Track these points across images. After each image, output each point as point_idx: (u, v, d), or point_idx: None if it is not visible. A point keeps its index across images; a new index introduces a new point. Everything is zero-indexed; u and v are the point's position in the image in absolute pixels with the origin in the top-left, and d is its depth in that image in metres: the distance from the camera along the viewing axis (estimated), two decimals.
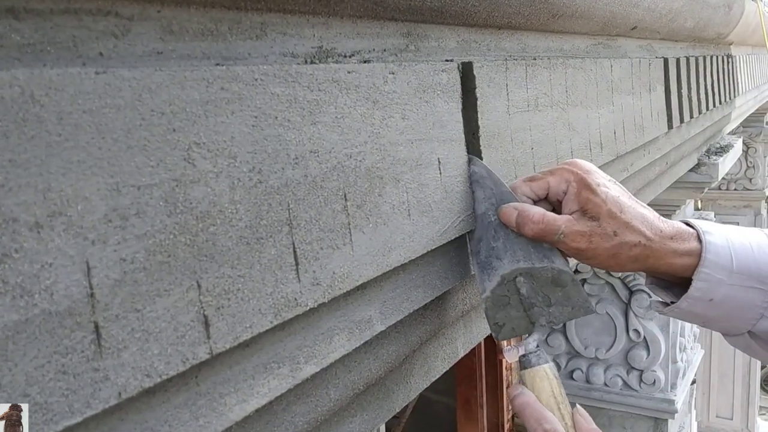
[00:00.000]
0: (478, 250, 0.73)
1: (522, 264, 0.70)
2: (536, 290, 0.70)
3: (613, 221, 0.68)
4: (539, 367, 0.70)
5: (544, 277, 0.70)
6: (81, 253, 0.36)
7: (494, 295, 0.71)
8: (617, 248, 0.69)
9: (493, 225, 0.72)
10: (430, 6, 0.66)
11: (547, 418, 0.66)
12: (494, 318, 0.71)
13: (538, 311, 0.71)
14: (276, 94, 0.49)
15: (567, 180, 0.71)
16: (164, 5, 0.43)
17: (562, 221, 0.69)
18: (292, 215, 0.50)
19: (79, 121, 0.36)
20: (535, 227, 0.69)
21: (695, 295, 0.71)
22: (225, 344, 0.44)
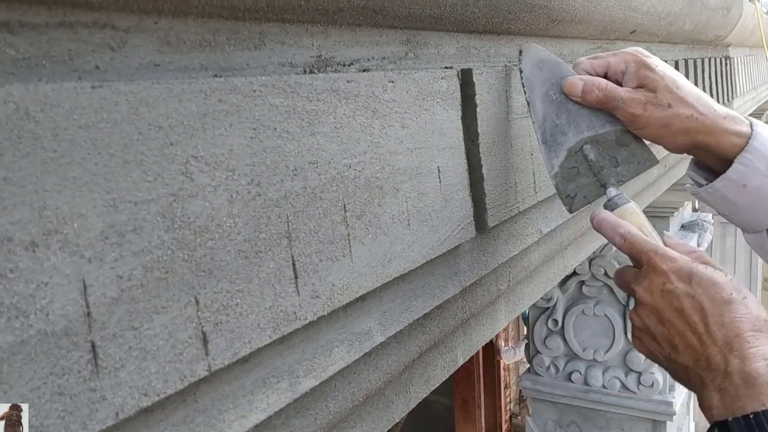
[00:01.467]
0: (543, 130, 0.76)
1: (586, 133, 0.75)
2: (603, 154, 0.75)
3: (669, 94, 0.73)
4: (626, 205, 0.73)
5: (608, 140, 0.75)
6: (77, 271, 0.36)
7: (563, 169, 0.76)
8: (670, 118, 0.73)
9: (555, 103, 0.76)
10: (429, 13, 0.66)
11: (621, 224, 0.70)
12: (565, 191, 0.76)
13: (606, 173, 0.75)
14: (275, 105, 0.49)
15: (626, 60, 0.75)
16: (161, 16, 0.43)
17: (623, 89, 0.74)
18: (291, 228, 0.50)
19: (74, 136, 0.36)
20: (600, 93, 0.74)
21: (732, 176, 0.74)
22: (224, 361, 0.44)
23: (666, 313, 0.65)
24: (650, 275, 0.67)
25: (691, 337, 0.64)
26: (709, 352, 0.62)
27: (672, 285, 0.65)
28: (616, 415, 2.76)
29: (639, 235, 0.69)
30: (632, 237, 0.69)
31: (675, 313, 0.65)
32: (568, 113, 0.76)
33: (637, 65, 0.74)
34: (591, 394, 2.74)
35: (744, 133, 0.74)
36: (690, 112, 0.73)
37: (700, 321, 0.63)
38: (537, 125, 0.77)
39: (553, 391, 2.82)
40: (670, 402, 2.64)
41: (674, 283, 0.65)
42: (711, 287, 0.64)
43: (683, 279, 0.65)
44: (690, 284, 0.64)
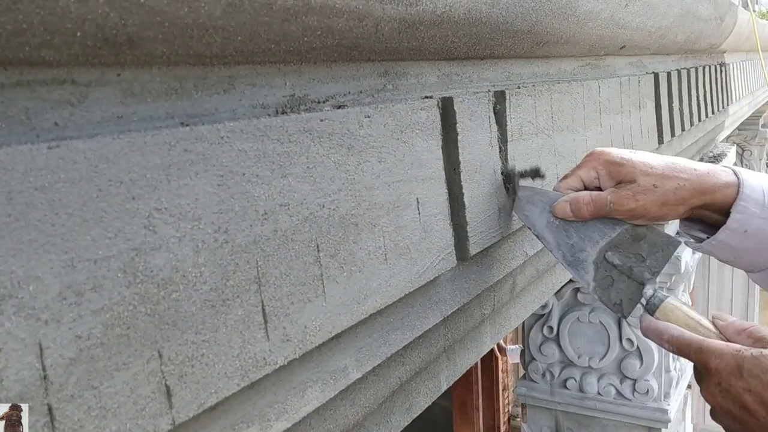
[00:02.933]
0: (563, 254, 0.78)
1: (602, 242, 0.77)
2: (626, 254, 0.76)
3: (648, 177, 0.75)
4: (665, 303, 0.74)
5: (624, 239, 0.77)
6: (33, 334, 0.35)
7: (598, 282, 0.77)
8: (663, 197, 0.75)
9: (561, 227, 0.78)
10: (407, 46, 0.65)
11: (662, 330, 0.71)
12: (610, 300, 0.77)
13: (638, 270, 0.76)
14: (243, 151, 0.48)
15: (594, 167, 0.78)
16: (124, 68, 0.42)
17: (607, 193, 0.77)
18: (260, 272, 0.49)
19: (30, 199, 0.35)
20: (588, 207, 0.76)
21: (733, 226, 0.76)
22: (189, 413, 0.43)
23: (735, 411, 0.65)
24: (705, 376, 0.67)
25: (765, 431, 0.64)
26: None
27: (726, 383, 0.65)
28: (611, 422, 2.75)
29: (682, 336, 0.69)
30: (677, 340, 0.70)
31: (742, 411, 0.65)
32: (576, 231, 0.78)
33: (605, 166, 0.77)
34: (586, 401, 2.74)
35: (731, 183, 0.76)
36: (676, 183, 0.75)
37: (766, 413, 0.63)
38: (555, 252, 0.79)
39: (549, 397, 2.82)
40: (665, 409, 2.64)
41: (727, 381, 0.65)
42: (763, 376, 0.63)
43: (734, 374, 0.64)
44: (742, 378, 0.64)
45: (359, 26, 0.56)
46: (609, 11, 1.06)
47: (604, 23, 1.07)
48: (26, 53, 0.36)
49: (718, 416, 0.68)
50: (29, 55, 0.36)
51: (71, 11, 0.36)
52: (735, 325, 0.70)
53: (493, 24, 0.76)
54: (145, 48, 0.42)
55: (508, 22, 0.79)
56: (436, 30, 0.67)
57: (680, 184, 0.75)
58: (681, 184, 0.75)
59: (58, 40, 0.37)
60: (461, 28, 0.71)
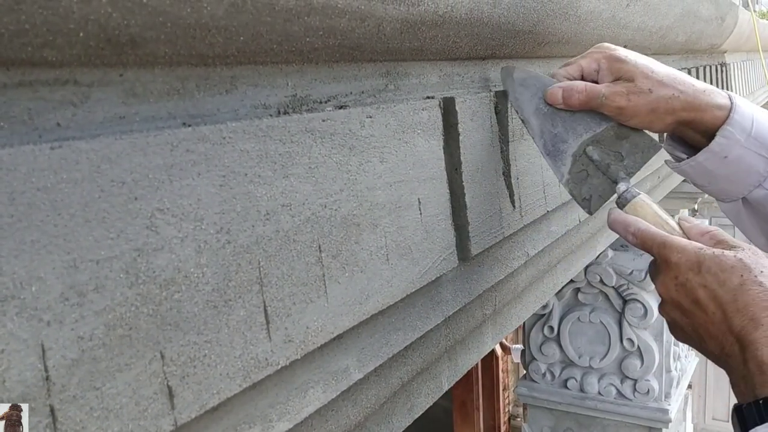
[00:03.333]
0: (544, 142, 0.78)
1: (585, 135, 0.77)
2: (606, 151, 0.76)
3: (647, 80, 0.74)
4: (636, 199, 0.74)
5: (608, 136, 0.76)
6: (35, 335, 0.35)
7: (572, 175, 0.77)
8: (654, 102, 0.74)
9: (548, 115, 0.78)
10: (409, 46, 0.65)
11: (630, 222, 0.71)
12: (580, 194, 0.77)
13: (614, 169, 0.76)
14: (245, 151, 0.48)
15: (597, 59, 0.77)
16: (127, 68, 0.42)
17: (602, 86, 0.75)
18: (262, 273, 0.49)
19: (32, 199, 0.35)
20: (580, 95, 0.75)
21: (714, 149, 0.75)
22: (190, 413, 0.43)
23: (685, 305, 0.66)
24: (663, 269, 0.68)
25: (711, 327, 0.64)
26: (727, 341, 0.63)
27: (683, 277, 0.65)
28: (611, 422, 2.75)
29: (648, 230, 0.70)
30: (642, 233, 0.70)
31: (693, 305, 0.65)
32: (563, 121, 0.77)
33: (609, 60, 0.76)
34: (587, 401, 2.74)
35: (724, 105, 0.75)
36: (671, 92, 0.74)
37: (717, 309, 0.63)
38: (537, 140, 0.79)
39: (549, 397, 2.82)
40: (666, 409, 2.64)
41: (685, 275, 0.65)
42: (720, 273, 0.63)
43: (693, 269, 0.65)
44: (700, 273, 0.64)
45: (361, 26, 0.56)
46: (610, 11, 1.06)
47: (605, 23, 1.07)
48: (29, 53, 0.36)
49: (668, 309, 0.69)
50: (32, 55, 0.36)
51: (74, 11, 0.36)
52: (699, 228, 0.71)
53: (495, 24, 0.76)
54: (147, 48, 0.42)
55: (510, 23, 0.79)
56: (437, 30, 0.67)
57: (675, 94, 0.74)
58: (675, 95, 0.74)
59: (60, 40, 0.36)
60: (463, 29, 0.71)
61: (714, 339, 0.64)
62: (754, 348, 0.60)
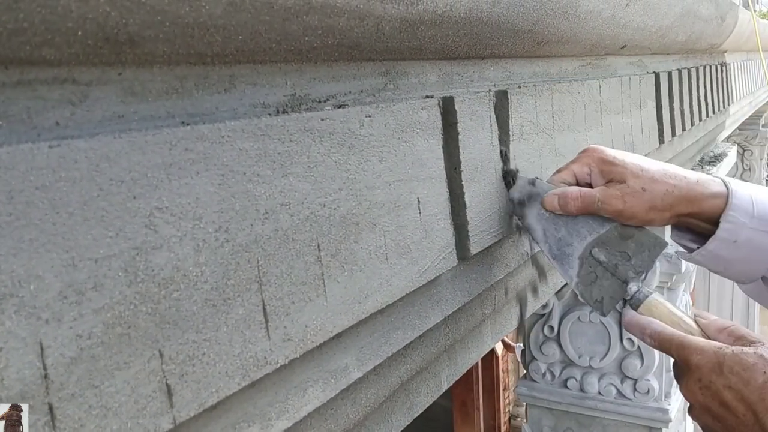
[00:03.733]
0: (549, 247, 0.78)
1: (590, 238, 0.77)
2: (612, 252, 0.76)
3: (638, 179, 0.75)
4: (649, 299, 0.74)
5: (612, 237, 0.76)
6: (34, 333, 0.35)
7: (581, 278, 0.77)
8: (650, 201, 0.75)
9: (550, 220, 0.78)
10: (408, 45, 0.65)
11: (645, 325, 0.71)
12: (591, 297, 0.77)
13: (623, 269, 0.76)
14: (244, 150, 0.48)
15: (587, 163, 0.79)
16: (125, 67, 0.42)
17: (596, 190, 0.77)
18: (261, 272, 0.49)
19: (31, 198, 0.35)
20: (576, 202, 0.76)
21: (722, 236, 0.76)
22: (189, 412, 0.43)
23: (714, 408, 0.65)
24: (686, 372, 0.67)
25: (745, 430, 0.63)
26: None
27: (707, 379, 0.65)
28: (612, 422, 2.75)
29: (664, 331, 0.70)
30: (659, 336, 0.70)
31: (722, 408, 0.64)
32: (566, 224, 0.78)
33: (598, 163, 0.78)
34: (587, 400, 2.74)
35: (720, 193, 0.76)
36: (665, 188, 0.75)
37: (747, 411, 0.63)
38: (542, 244, 0.79)
39: (549, 397, 2.82)
40: (666, 409, 2.64)
41: (708, 377, 0.65)
42: (743, 372, 0.63)
43: (715, 371, 0.64)
44: (722, 374, 0.64)
45: (360, 25, 0.56)
46: (610, 11, 1.06)
47: (605, 23, 1.07)
48: (27, 52, 0.36)
49: (697, 414, 0.68)
50: (30, 54, 0.36)
51: (72, 10, 0.36)
52: (716, 324, 0.70)
53: (494, 23, 0.76)
54: (146, 47, 0.42)
55: (509, 22, 0.79)
56: (437, 29, 0.67)
57: (669, 189, 0.75)
58: (669, 190, 0.75)
59: (59, 39, 0.37)
60: (462, 28, 0.71)
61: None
62: None
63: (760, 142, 5.75)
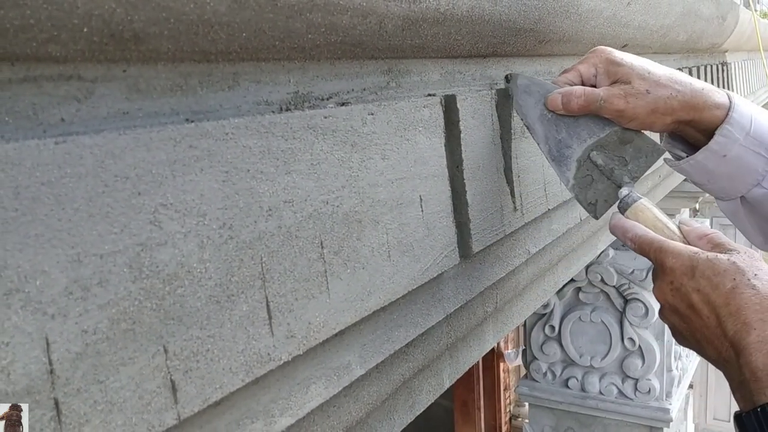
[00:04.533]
0: (549, 148, 0.78)
1: (589, 141, 0.77)
2: (610, 156, 0.76)
3: (644, 81, 0.74)
4: (637, 203, 0.74)
5: (611, 141, 0.76)
6: (40, 329, 0.36)
7: (577, 180, 0.77)
8: (653, 103, 0.74)
9: (552, 121, 0.78)
10: (410, 43, 0.66)
11: (628, 227, 0.72)
12: (586, 199, 0.77)
13: (619, 173, 0.76)
14: (248, 147, 0.48)
15: (594, 63, 0.78)
16: (130, 64, 0.43)
17: (600, 89, 0.76)
18: (265, 269, 0.49)
19: (37, 194, 0.36)
20: (579, 100, 0.75)
21: (713, 147, 0.76)
22: (193, 408, 0.44)
23: (681, 309, 0.66)
24: (660, 274, 0.68)
25: (707, 332, 0.64)
26: (723, 347, 0.63)
27: (678, 282, 0.66)
28: (613, 422, 2.75)
29: (645, 235, 0.70)
30: (639, 239, 0.70)
31: (689, 310, 0.65)
32: (567, 126, 0.78)
33: (605, 63, 0.77)
34: (588, 400, 2.74)
35: (722, 104, 0.76)
36: (669, 92, 0.74)
37: (711, 314, 0.63)
38: (542, 146, 0.79)
39: (550, 397, 2.82)
40: (667, 408, 2.64)
41: (680, 279, 0.65)
42: (714, 277, 0.63)
43: (687, 274, 0.65)
44: (694, 278, 0.64)
45: (363, 23, 0.56)
46: (611, 9, 1.07)
47: (606, 21, 1.07)
48: (33, 49, 0.36)
49: (666, 314, 0.69)
50: (36, 50, 0.36)
51: (78, 7, 0.36)
52: (698, 231, 0.71)
53: (496, 22, 0.76)
54: (150, 44, 0.42)
55: (511, 20, 0.79)
56: (439, 27, 0.67)
57: (672, 94, 0.74)
58: (673, 94, 0.74)
59: (64, 35, 0.37)
60: (464, 26, 0.71)
61: (711, 344, 0.64)
62: (747, 353, 0.59)
63: None
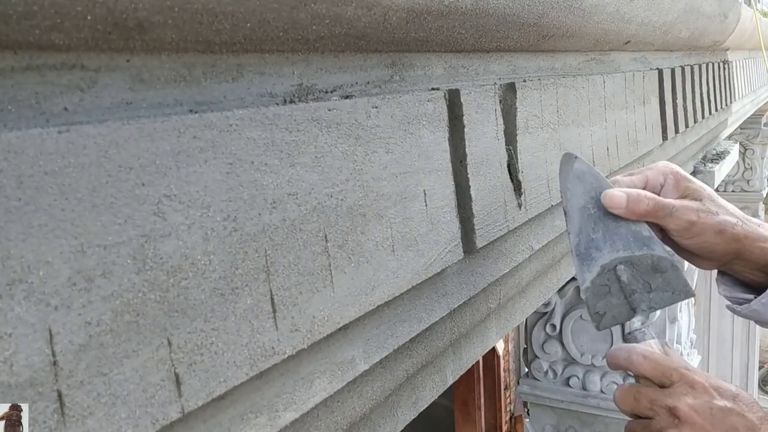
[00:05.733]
0: (578, 242, 0.75)
1: (622, 253, 0.73)
2: (636, 277, 0.73)
3: (713, 204, 0.75)
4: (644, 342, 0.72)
5: (644, 264, 0.73)
6: (43, 320, 0.35)
7: (594, 285, 0.74)
8: (721, 224, 0.73)
9: (593, 217, 0.75)
10: (414, 37, 0.65)
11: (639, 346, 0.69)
12: (594, 307, 0.74)
13: (638, 297, 0.73)
14: (252, 139, 0.48)
15: (664, 173, 0.77)
16: (134, 54, 0.42)
17: (672, 199, 0.75)
18: (269, 261, 0.49)
19: (40, 183, 0.35)
20: (648, 203, 0.73)
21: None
22: (198, 401, 0.43)
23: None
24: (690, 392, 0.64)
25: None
26: None
27: (721, 402, 0.63)
28: (614, 420, 2.75)
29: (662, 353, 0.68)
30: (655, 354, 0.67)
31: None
32: (606, 229, 0.74)
33: (676, 177, 0.76)
34: (589, 398, 2.73)
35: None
36: (735, 219, 0.74)
37: None
38: (572, 237, 0.76)
39: (551, 395, 2.82)
40: None
41: (721, 401, 0.63)
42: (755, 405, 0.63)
43: (727, 397, 0.63)
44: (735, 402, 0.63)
45: (367, 15, 0.56)
46: (614, 5, 1.06)
47: (609, 17, 1.07)
48: (36, 37, 0.36)
49: None
50: (39, 38, 0.36)
51: None
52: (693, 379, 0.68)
53: (500, 15, 0.76)
54: (154, 34, 0.41)
55: (515, 14, 0.79)
56: (443, 21, 0.66)
57: (739, 222, 0.74)
58: (739, 223, 0.74)
59: (68, 23, 0.36)
60: (468, 19, 0.70)
61: None
62: None
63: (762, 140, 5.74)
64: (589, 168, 0.77)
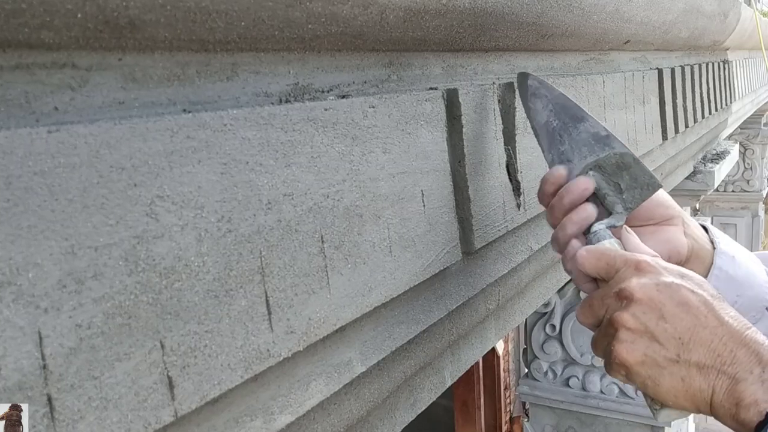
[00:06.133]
0: (552, 159, 0.76)
1: (589, 159, 0.74)
2: (607, 180, 0.74)
3: None
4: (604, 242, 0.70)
5: (610, 164, 0.74)
6: (32, 323, 0.35)
7: None
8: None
9: (557, 130, 0.75)
10: (412, 36, 0.65)
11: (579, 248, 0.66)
12: None
13: (611, 201, 0.73)
14: (247, 139, 0.47)
15: None
16: (126, 52, 0.41)
17: None
18: (264, 263, 0.48)
19: (29, 184, 0.35)
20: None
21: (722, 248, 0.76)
22: (191, 405, 0.43)
23: (668, 307, 0.58)
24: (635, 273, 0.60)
25: (703, 332, 0.57)
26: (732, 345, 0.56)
27: (669, 278, 0.59)
28: (614, 421, 2.74)
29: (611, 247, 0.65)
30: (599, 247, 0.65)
31: (680, 307, 0.58)
32: (570, 138, 0.75)
33: None
34: (589, 399, 2.73)
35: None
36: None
37: (709, 314, 0.57)
38: (546, 154, 0.77)
39: (551, 396, 2.81)
40: None
41: (670, 277, 0.59)
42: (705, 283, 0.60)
43: (675, 274, 0.60)
44: (684, 279, 0.60)
45: (364, 14, 0.55)
46: (614, 4, 1.05)
47: (609, 16, 1.06)
48: (26, 35, 0.35)
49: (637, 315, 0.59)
50: (29, 37, 0.35)
51: None
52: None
53: (498, 14, 0.75)
54: (146, 32, 0.41)
55: (513, 13, 0.78)
56: (441, 19, 0.66)
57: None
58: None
59: (58, 21, 0.36)
60: (466, 18, 0.70)
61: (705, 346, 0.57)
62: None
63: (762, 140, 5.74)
64: (542, 82, 0.78)
